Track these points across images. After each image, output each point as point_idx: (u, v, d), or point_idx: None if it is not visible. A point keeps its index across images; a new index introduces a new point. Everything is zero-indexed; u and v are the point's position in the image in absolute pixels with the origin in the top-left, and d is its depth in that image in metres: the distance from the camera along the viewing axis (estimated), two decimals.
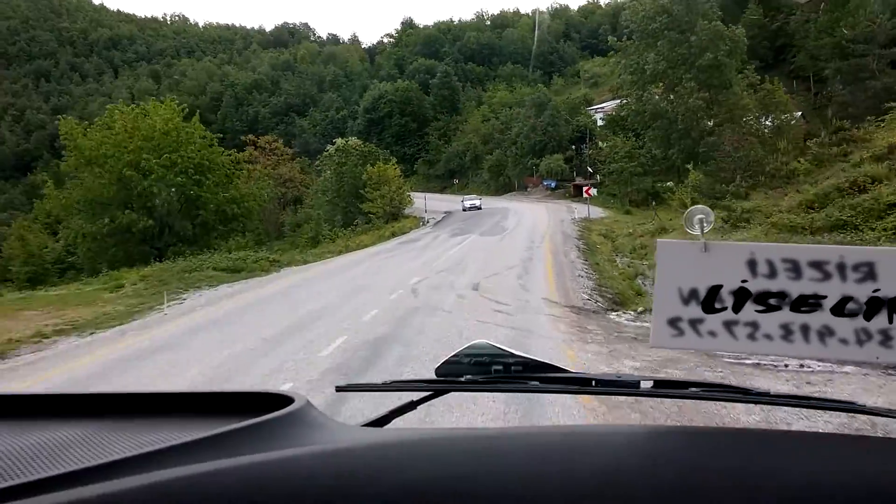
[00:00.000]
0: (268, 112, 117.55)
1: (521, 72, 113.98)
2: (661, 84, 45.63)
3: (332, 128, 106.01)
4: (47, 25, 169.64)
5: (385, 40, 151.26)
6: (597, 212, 37.69)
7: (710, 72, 43.27)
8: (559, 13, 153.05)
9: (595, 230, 26.73)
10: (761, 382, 6.61)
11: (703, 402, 4.31)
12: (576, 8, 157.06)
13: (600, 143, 63.89)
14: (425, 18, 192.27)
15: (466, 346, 1.20)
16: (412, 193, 76.82)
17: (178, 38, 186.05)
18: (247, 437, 0.81)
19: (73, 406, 1.07)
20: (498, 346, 1.19)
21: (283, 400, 0.96)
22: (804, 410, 4.70)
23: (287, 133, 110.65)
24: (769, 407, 4.90)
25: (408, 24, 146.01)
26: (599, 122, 64.14)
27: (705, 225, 1.03)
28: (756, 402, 1.33)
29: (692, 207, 1.07)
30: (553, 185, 61.26)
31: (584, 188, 32.53)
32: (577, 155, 63.90)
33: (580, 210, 38.66)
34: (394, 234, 35.37)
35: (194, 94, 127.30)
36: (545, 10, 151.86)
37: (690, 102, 42.33)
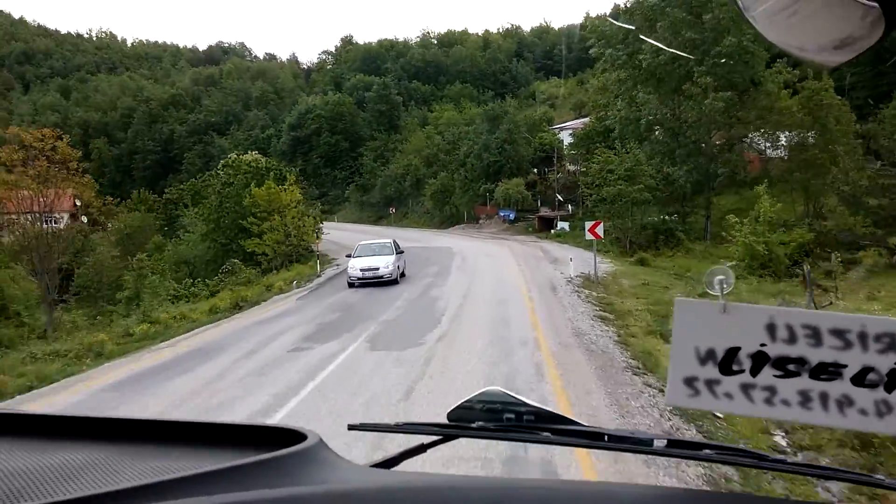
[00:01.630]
0: (184, 130, 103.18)
1: (469, 92, 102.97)
2: (660, 82, 33.79)
3: (255, 148, 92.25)
4: None
5: (323, 57, 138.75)
6: (586, 259, 25.09)
7: (731, 63, 31.59)
8: (511, 33, 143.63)
9: (638, 321, 12.52)
10: None
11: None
12: (528, 29, 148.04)
13: (569, 165, 52.12)
14: (368, 37, 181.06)
15: (480, 391, 1.20)
16: (339, 225, 63.80)
17: (100, 53, 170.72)
18: (259, 472, 0.83)
19: (90, 429, 1.08)
20: (511, 393, 1.18)
21: (297, 436, 0.97)
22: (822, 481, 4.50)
23: (205, 154, 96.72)
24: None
25: (347, 41, 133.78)
26: (567, 141, 52.38)
27: (725, 286, 1.03)
28: (772, 469, 1.29)
29: (712, 268, 1.06)
30: (512, 216, 48.92)
31: (590, 227, 19.93)
32: (541, 180, 51.82)
33: (561, 256, 26.09)
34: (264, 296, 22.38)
35: (103, 111, 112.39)
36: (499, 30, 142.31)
37: (706, 105, 30.47)
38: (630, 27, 34.49)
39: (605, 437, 1.11)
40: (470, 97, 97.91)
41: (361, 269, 21.54)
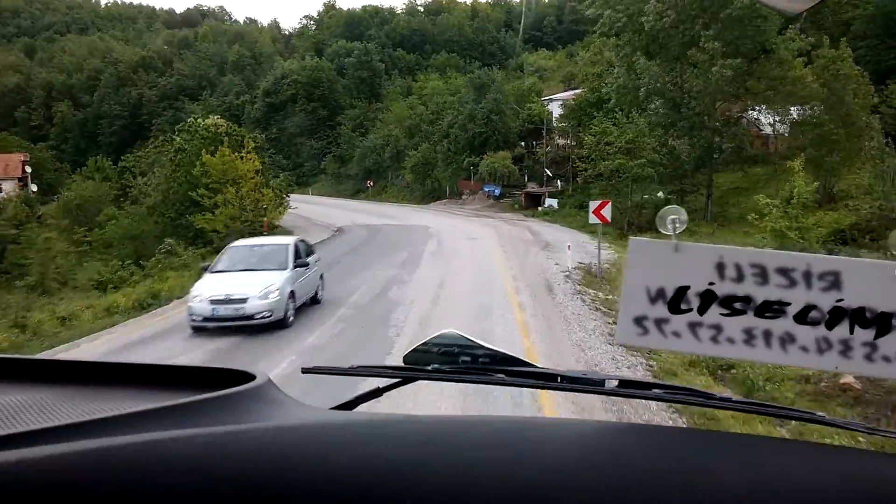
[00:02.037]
0: (154, 94, 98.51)
1: (456, 62, 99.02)
2: (662, 48, 30.65)
3: (228, 115, 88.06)
4: None
5: (304, 22, 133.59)
6: (581, 243, 22.03)
7: (740, 27, 28.55)
8: (500, 2, 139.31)
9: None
10: None
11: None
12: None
13: (558, 139, 48.98)
14: (352, 3, 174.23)
15: (436, 335, 1.20)
16: (313, 198, 60.28)
17: (71, 13, 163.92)
18: (203, 410, 0.81)
19: (28, 371, 1.06)
20: (467, 336, 1.19)
21: (245, 377, 0.95)
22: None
23: (176, 120, 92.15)
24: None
25: (330, 6, 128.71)
26: (557, 114, 49.19)
27: (678, 225, 1.05)
28: (718, 407, 1.39)
29: (666, 207, 1.07)
30: (497, 192, 45.83)
31: (594, 208, 16.73)
32: (529, 154, 48.70)
33: (553, 240, 23.03)
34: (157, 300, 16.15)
35: (68, 72, 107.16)
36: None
37: (713, 73, 27.43)
38: None
39: (559, 379, 1.12)
40: (456, 67, 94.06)
41: (213, 302, 11.40)
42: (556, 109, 50.93)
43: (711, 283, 0.97)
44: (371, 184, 58.64)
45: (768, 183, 28.22)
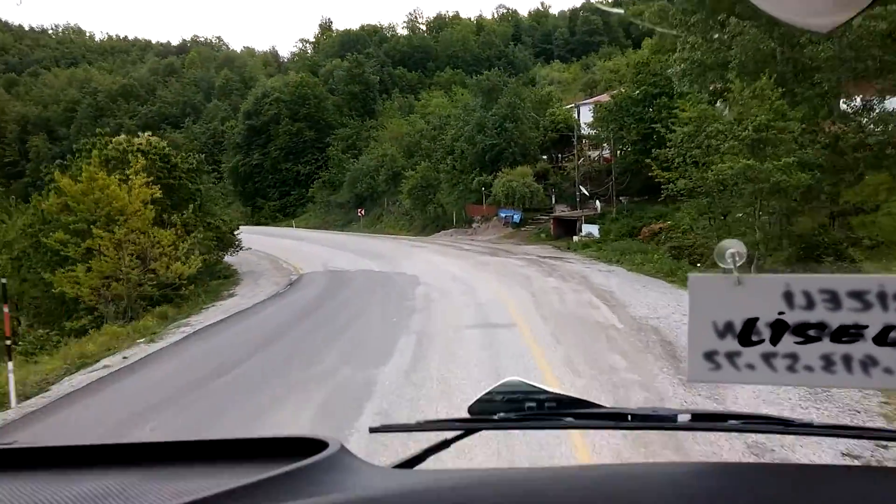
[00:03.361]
0: (134, 124, 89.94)
1: (462, 78, 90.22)
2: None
3: (212, 142, 79.54)
4: None
5: (300, 46, 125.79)
6: (675, 300, 12.05)
7: None
8: (507, 17, 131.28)
9: None
10: None
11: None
12: (525, 13, 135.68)
13: (590, 151, 39.31)
14: (350, 24, 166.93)
15: (499, 383, 1.19)
16: (295, 232, 50.62)
17: (61, 48, 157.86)
18: (283, 485, 0.84)
19: (105, 456, 1.08)
20: (530, 382, 1.18)
21: (318, 444, 0.97)
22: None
23: None
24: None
25: (326, 27, 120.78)
26: (586, 120, 39.56)
27: (737, 259, 1.02)
28: (798, 434, 1.31)
29: (723, 241, 1.05)
30: (516, 217, 36.11)
31: None
32: (556, 169, 39.04)
33: (643, 302, 13.07)
34: None
35: (44, 104, 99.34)
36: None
37: (854, 30, 17.66)
38: None
39: (629, 417, 1.09)
40: (462, 84, 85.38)
41: None
42: (584, 117, 41.36)
43: (781, 313, 0.94)
44: (363, 213, 49.09)
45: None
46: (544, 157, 40.51)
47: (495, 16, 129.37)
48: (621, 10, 70.99)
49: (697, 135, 16.12)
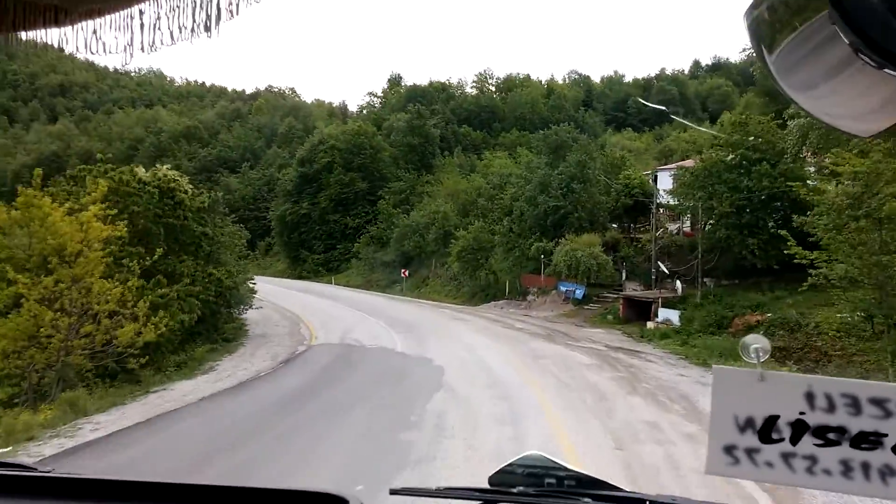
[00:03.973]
0: (192, 166, 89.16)
1: (528, 140, 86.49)
2: None
3: (266, 189, 77.35)
4: None
5: (367, 99, 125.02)
6: None
7: None
8: (579, 82, 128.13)
9: None
10: None
11: None
12: (598, 79, 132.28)
13: (668, 224, 34.17)
14: (420, 79, 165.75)
15: (520, 456, 1.20)
16: (331, 291, 46.35)
17: (138, 90, 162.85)
18: None
19: (143, 493, 1.11)
20: (551, 458, 1.17)
21: (339, 501, 1.00)
22: None
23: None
24: None
25: (395, 82, 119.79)
26: (665, 188, 34.50)
27: (761, 354, 1.03)
28: None
29: (748, 336, 1.06)
30: (579, 293, 31.03)
31: None
32: (628, 239, 33.92)
33: None
34: None
35: (108, 141, 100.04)
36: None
37: None
38: None
39: (647, 503, 1.10)
40: (528, 146, 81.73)
41: None
42: (662, 184, 36.32)
43: (802, 413, 0.93)
44: (406, 274, 44.58)
45: None
46: (614, 225, 35.50)
47: (566, 80, 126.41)
48: (664, 108, 66.98)
49: (864, 199, 10.96)
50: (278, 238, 64.54)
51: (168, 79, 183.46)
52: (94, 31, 1.00)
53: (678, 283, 27.52)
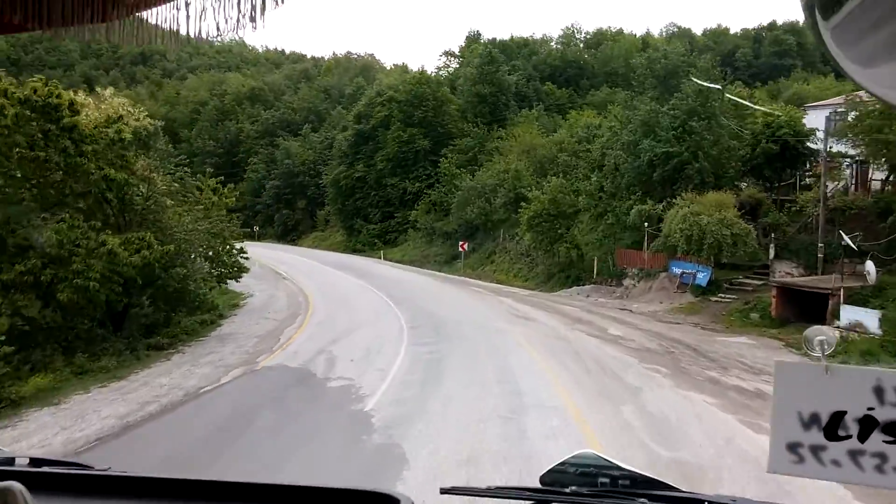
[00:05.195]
0: (254, 130, 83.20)
1: (622, 98, 75.24)
2: None
3: (328, 153, 69.82)
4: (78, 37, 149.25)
5: (443, 60, 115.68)
6: None
7: None
8: (680, 35, 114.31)
9: None
10: None
11: None
12: (700, 32, 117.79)
13: (832, 181, 23.84)
14: (500, 35, 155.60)
15: (573, 454, 1.17)
16: (378, 269, 37.66)
17: (218, 57, 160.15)
18: None
19: (196, 491, 1.13)
20: (605, 457, 1.14)
21: (392, 500, 0.99)
22: None
23: (271, 158, 76.05)
24: None
25: (473, 39, 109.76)
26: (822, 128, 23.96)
27: (826, 347, 1.00)
28: None
29: (812, 328, 0.99)
30: (702, 277, 21.39)
31: None
32: (775, 201, 23.82)
33: None
34: None
35: (171, 104, 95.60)
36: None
37: None
38: None
39: None
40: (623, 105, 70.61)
41: None
42: (814, 126, 25.76)
43: (871, 409, 0.89)
44: (465, 248, 35.72)
45: None
46: (754, 178, 25.47)
47: (664, 34, 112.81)
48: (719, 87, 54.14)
49: None
50: (332, 206, 57.09)
51: (250, 47, 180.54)
52: (142, 22, 1.02)
53: (869, 265, 17.42)
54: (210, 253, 18.68)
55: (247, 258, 21.33)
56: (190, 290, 16.07)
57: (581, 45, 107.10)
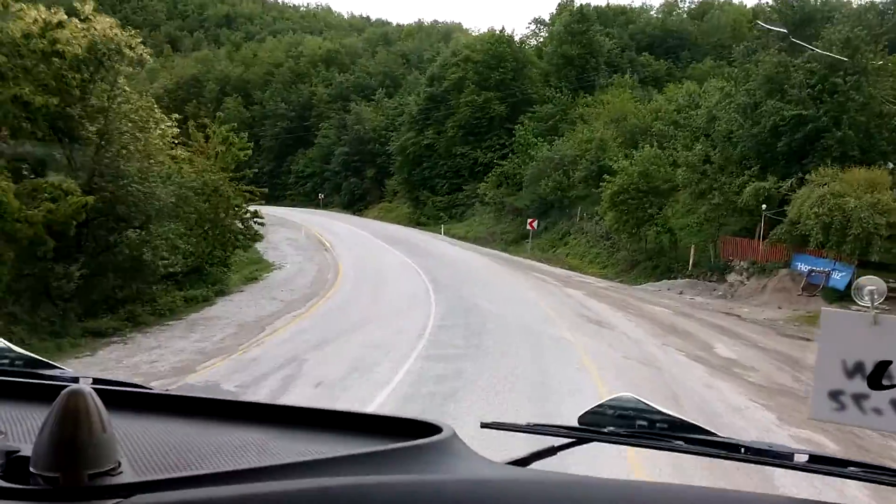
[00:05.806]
0: (326, 94, 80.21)
1: (728, 73, 67.60)
2: None
3: (399, 118, 65.98)
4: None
5: (532, 28, 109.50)
6: None
7: None
8: (792, 5, 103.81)
9: None
10: None
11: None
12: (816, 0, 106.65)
13: None
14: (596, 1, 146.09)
15: (612, 397, 1.17)
16: (436, 247, 32.83)
17: (302, 21, 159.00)
18: (401, 458, 0.90)
19: (249, 413, 1.16)
20: (644, 400, 1.15)
21: (433, 428, 1.02)
22: None
23: (342, 124, 72.78)
24: None
25: (565, 6, 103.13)
26: None
27: (876, 297, 0.99)
28: None
29: (862, 277, 0.98)
30: (841, 277, 16.11)
31: None
32: None
33: None
34: None
35: (245, 65, 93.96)
36: None
37: None
38: None
39: (742, 450, 1.06)
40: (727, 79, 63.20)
41: None
42: None
43: None
44: (533, 227, 31.07)
45: None
46: None
47: (777, 1, 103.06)
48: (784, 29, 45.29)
49: None
50: (398, 175, 53.24)
51: (336, 13, 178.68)
52: None
53: None
54: (205, 218, 14.95)
55: (262, 223, 17.61)
56: (146, 259, 12.29)
57: (684, 15, 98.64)
